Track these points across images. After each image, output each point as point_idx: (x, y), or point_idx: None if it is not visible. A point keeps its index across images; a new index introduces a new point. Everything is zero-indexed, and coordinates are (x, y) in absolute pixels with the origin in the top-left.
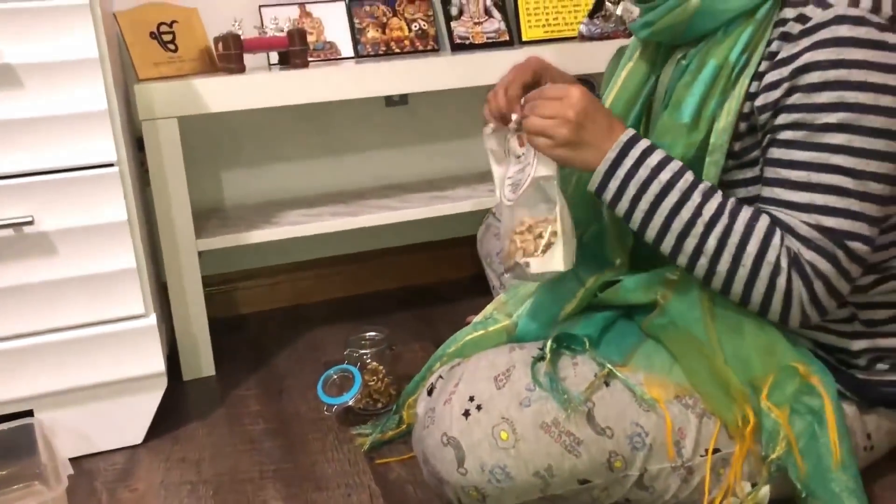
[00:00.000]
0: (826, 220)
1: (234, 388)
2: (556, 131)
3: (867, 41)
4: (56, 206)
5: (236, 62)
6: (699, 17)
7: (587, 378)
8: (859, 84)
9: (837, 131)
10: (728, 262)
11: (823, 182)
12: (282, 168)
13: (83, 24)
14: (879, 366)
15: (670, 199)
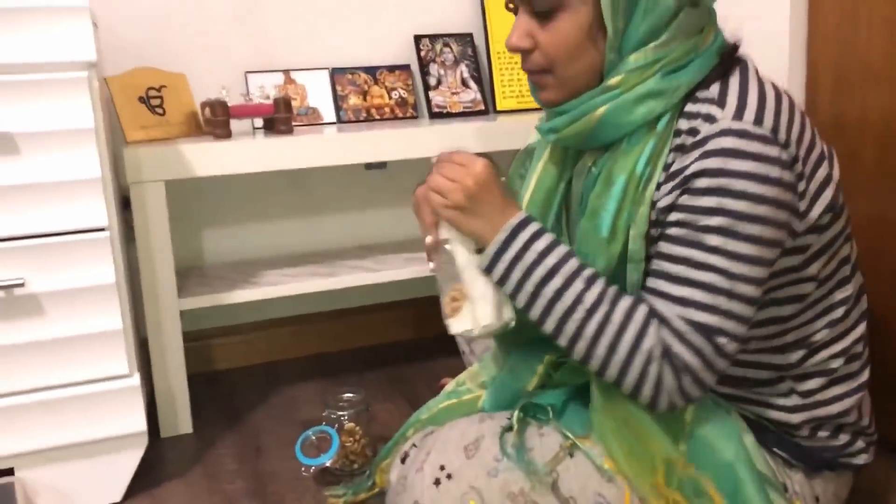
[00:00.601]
0: (697, 315)
1: (211, 447)
2: (452, 194)
3: (749, 153)
4: (47, 268)
5: (223, 128)
6: (603, 127)
7: (552, 449)
8: (739, 193)
9: (716, 234)
10: (605, 347)
11: (699, 279)
12: (261, 227)
13: (81, 95)
14: (820, 433)
15: (554, 284)
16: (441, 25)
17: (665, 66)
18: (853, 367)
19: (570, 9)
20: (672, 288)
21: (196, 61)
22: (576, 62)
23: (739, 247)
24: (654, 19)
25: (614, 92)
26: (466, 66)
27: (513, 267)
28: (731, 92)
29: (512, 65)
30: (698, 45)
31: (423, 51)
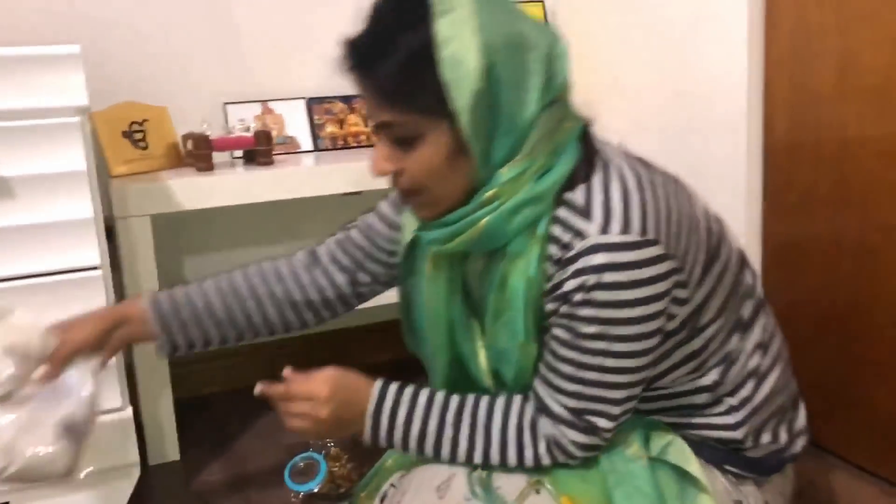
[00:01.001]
0: (579, 404)
1: (199, 474)
2: (318, 430)
3: (620, 264)
4: (41, 308)
5: (206, 161)
6: (487, 237)
7: (519, 486)
8: (614, 303)
9: (594, 339)
10: (499, 463)
11: (587, 377)
12: (241, 254)
13: (74, 139)
14: (762, 439)
15: (430, 441)
16: None
17: (535, 172)
18: (772, 356)
19: (429, 137)
20: (562, 384)
21: (175, 93)
22: (443, 184)
23: (616, 346)
24: (516, 135)
25: (493, 205)
26: None
27: (391, 440)
28: (596, 201)
29: None
30: (561, 140)
31: None
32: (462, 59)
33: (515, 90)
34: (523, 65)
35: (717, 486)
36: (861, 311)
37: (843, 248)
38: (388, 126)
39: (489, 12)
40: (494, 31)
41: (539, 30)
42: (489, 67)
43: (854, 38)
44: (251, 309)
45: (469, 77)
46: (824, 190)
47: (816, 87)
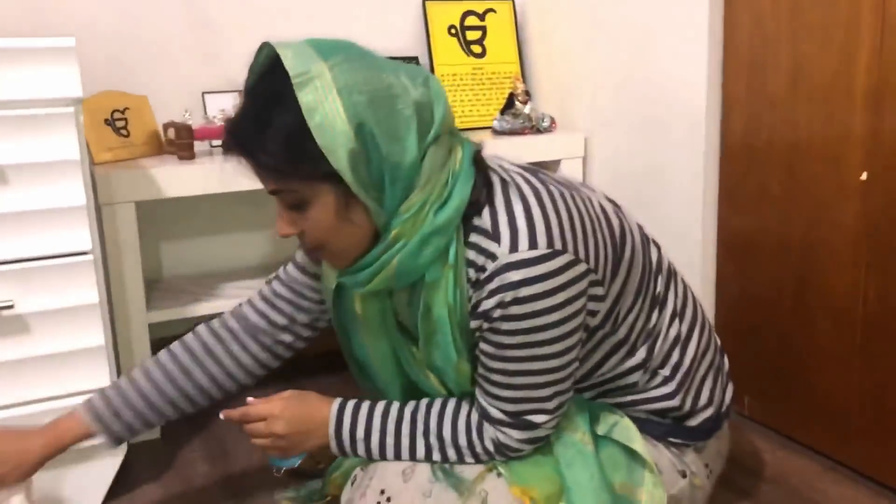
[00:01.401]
0: (515, 407)
1: (179, 450)
2: (277, 446)
3: (533, 278)
4: (34, 290)
5: (188, 150)
6: (401, 274)
7: (478, 469)
8: (531, 313)
9: (518, 348)
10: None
11: (513, 383)
12: (217, 240)
13: (68, 129)
14: (699, 403)
15: (390, 451)
16: (388, 48)
17: (433, 205)
18: (688, 321)
19: (315, 201)
20: (497, 391)
21: (154, 82)
22: (342, 237)
23: (540, 351)
24: (404, 180)
25: (399, 244)
26: None
27: (355, 449)
28: (501, 222)
29: (454, 86)
30: (453, 170)
31: None
32: (331, 124)
33: (391, 141)
34: (393, 115)
35: (663, 461)
36: (804, 301)
37: (791, 243)
38: (277, 193)
39: (348, 72)
40: (357, 90)
41: (405, 76)
42: (359, 126)
43: (805, 47)
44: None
45: (341, 140)
46: (775, 188)
47: (771, 91)
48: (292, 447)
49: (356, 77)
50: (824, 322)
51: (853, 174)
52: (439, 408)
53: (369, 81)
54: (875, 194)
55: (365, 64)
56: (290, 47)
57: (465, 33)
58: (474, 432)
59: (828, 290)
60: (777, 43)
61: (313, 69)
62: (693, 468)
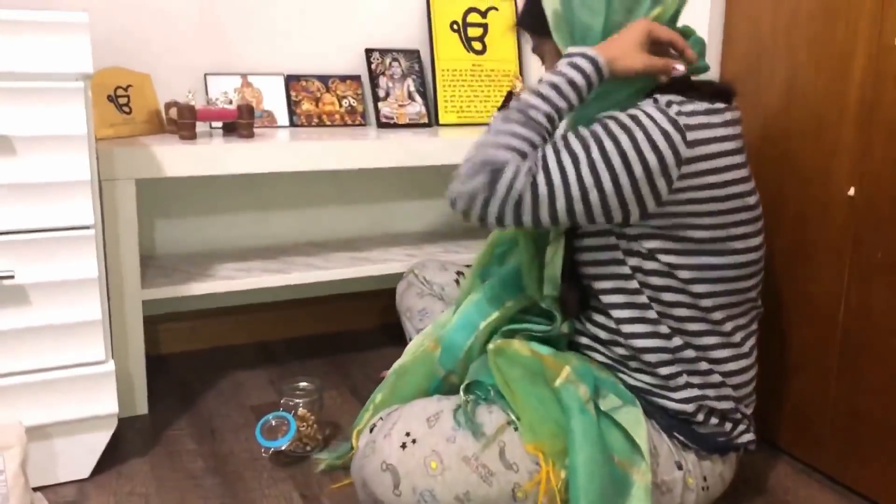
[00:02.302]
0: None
1: (167, 428)
2: None
3: (652, 116)
4: (35, 261)
5: (189, 130)
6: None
7: (499, 422)
8: (633, 116)
9: (600, 125)
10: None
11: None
12: (211, 220)
13: (76, 103)
14: (712, 420)
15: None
16: (391, 41)
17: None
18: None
19: (547, 52)
20: (552, 142)
21: (157, 62)
22: None
23: (606, 141)
24: (590, 44)
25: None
26: (413, 80)
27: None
28: (685, 104)
29: (454, 82)
30: None
31: (373, 63)
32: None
33: (584, 7)
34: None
35: (663, 447)
36: (787, 309)
37: (777, 251)
38: (534, 50)
39: None
40: None
41: None
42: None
43: (800, 61)
44: None
45: (550, 3)
46: (764, 199)
47: (765, 103)
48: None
49: None
50: (806, 331)
51: (841, 188)
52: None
53: None
54: (861, 209)
55: None
56: None
57: (466, 30)
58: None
59: (810, 300)
60: (773, 56)
61: None
62: (690, 468)
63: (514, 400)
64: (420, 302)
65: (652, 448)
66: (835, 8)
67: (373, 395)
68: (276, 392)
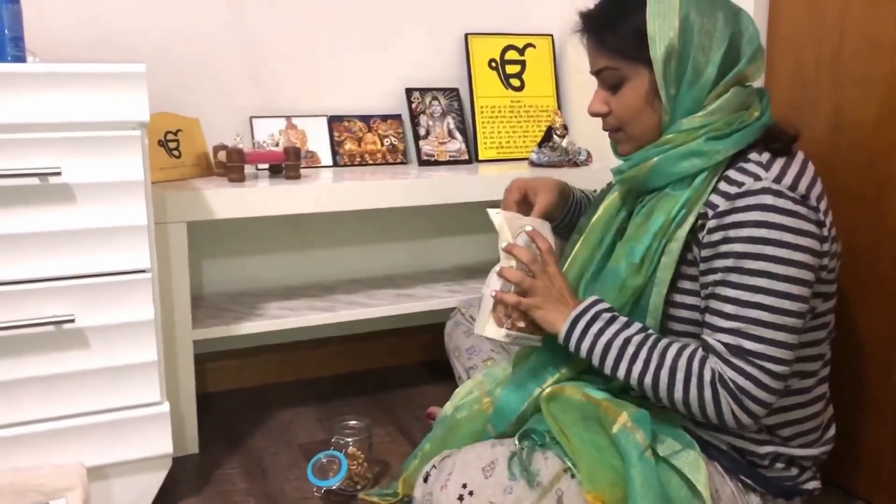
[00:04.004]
0: (746, 344)
1: (218, 467)
2: (526, 287)
3: (784, 209)
4: (94, 305)
5: (238, 172)
6: (653, 174)
7: (555, 469)
8: (777, 241)
9: (759, 276)
10: (667, 389)
11: (748, 315)
12: (257, 259)
13: (134, 151)
14: (777, 464)
15: (612, 353)
16: (430, 80)
17: (709, 133)
18: (815, 420)
19: (632, 81)
20: (724, 323)
21: (205, 106)
22: (638, 122)
23: (780, 286)
24: (698, 91)
25: (665, 147)
26: (453, 118)
27: (581, 343)
28: (777, 164)
29: (493, 118)
30: (742, 120)
31: (413, 102)
32: (664, 15)
33: (701, 50)
34: (712, 34)
35: (725, 491)
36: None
37: None
38: (602, 71)
39: None
40: (694, 1)
41: (733, 14)
42: (683, 26)
43: (846, 95)
44: None
45: (666, 32)
46: None
47: (811, 137)
48: (540, 297)
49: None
50: (863, 368)
51: (892, 222)
52: (669, 339)
53: (705, 1)
54: None
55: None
56: None
57: (504, 67)
58: (696, 361)
59: (866, 336)
60: (818, 90)
61: None
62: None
63: (571, 447)
64: (468, 340)
65: (714, 492)
66: (879, 42)
67: (422, 443)
68: (324, 430)
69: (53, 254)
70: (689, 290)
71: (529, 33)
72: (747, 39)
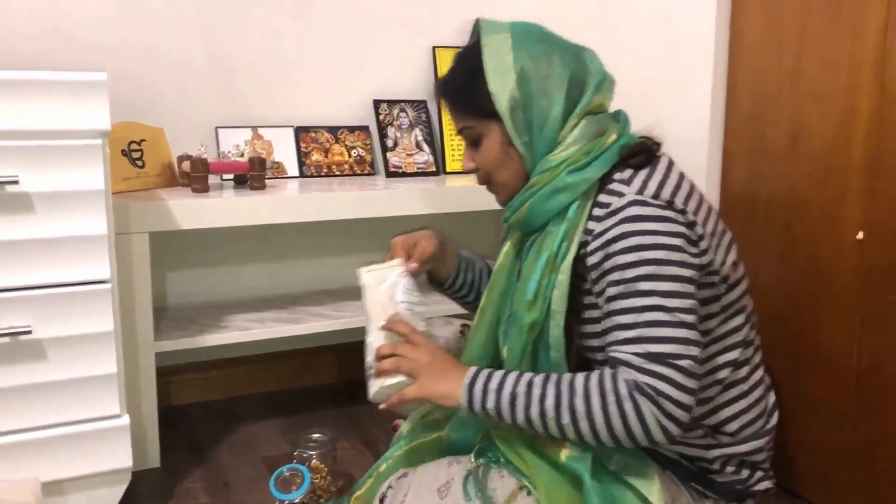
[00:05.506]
0: (653, 348)
1: (180, 481)
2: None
3: (652, 216)
4: (52, 317)
5: (202, 182)
6: (531, 216)
7: (510, 488)
8: (653, 245)
9: (646, 281)
10: (584, 418)
11: (645, 319)
12: (222, 271)
13: (95, 160)
14: (728, 468)
15: (520, 400)
16: (398, 92)
17: (569, 166)
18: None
19: (488, 136)
20: (626, 334)
21: (170, 116)
22: (503, 172)
23: (668, 286)
24: (549, 131)
25: (533, 189)
26: (420, 130)
27: (486, 401)
28: (638, 177)
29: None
30: (600, 146)
31: (381, 114)
32: (501, 72)
33: (543, 95)
34: (549, 78)
35: (682, 500)
36: (801, 355)
37: (788, 297)
38: (462, 131)
39: (523, 38)
40: (527, 53)
41: (573, 54)
42: (520, 78)
43: (806, 110)
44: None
45: (507, 86)
46: (774, 244)
47: (771, 150)
48: (425, 376)
49: (530, 42)
50: (820, 375)
51: (850, 233)
52: (572, 374)
53: (538, 47)
54: (871, 254)
55: (539, 36)
56: (488, 21)
57: None
58: (608, 378)
59: (823, 344)
60: (778, 103)
61: (499, 33)
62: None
63: (526, 466)
64: None
65: (669, 501)
66: (836, 59)
67: (377, 462)
68: (289, 443)
69: (10, 264)
70: (596, 318)
71: None
72: (591, 73)
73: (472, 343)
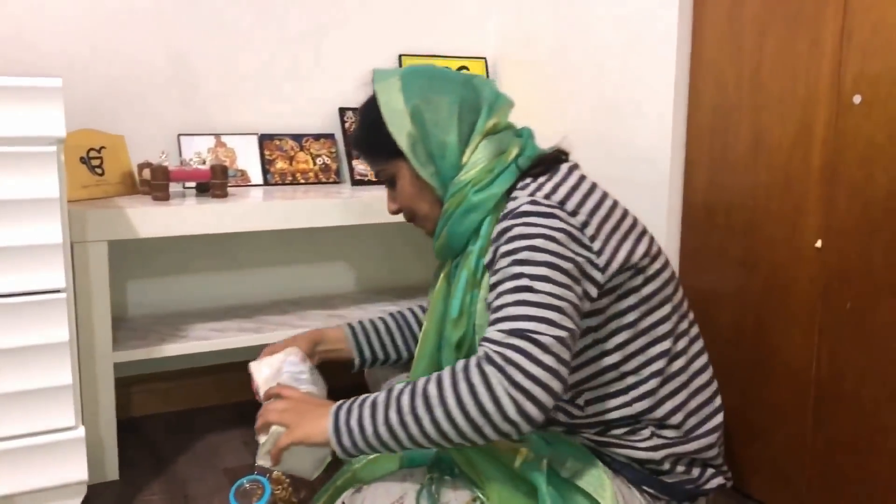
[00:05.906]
0: (516, 325)
1: (138, 494)
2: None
3: (540, 213)
4: (5, 326)
5: (163, 190)
6: (451, 241)
7: (464, 500)
8: (532, 234)
9: (520, 265)
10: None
11: (514, 299)
12: (184, 280)
13: (49, 168)
14: (678, 468)
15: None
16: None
17: (473, 186)
18: (701, 394)
19: (399, 175)
20: (496, 314)
21: (131, 123)
22: (421, 205)
23: (539, 270)
24: (450, 158)
25: (447, 214)
26: None
27: (349, 421)
28: (535, 184)
29: None
30: (502, 164)
31: (346, 122)
32: (394, 113)
33: (437, 125)
34: (440, 108)
35: (635, 502)
36: (761, 361)
37: (749, 303)
38: (378, 175)
39: (412, 78)
40: (415, 90)
41: (462, 84)
42: (413, 114)
43: (765, 118)
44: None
45: (402, 124)
46: (735, 251)
47: (731, 158)
48: (294, 419)
49: (417, 81)
50: (779, 382)
51: (809, 241)
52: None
53: (425, 84)
54: (829, 262)
55: (428, 74)
56: (380, 70)
57: None
58: (461, 362)
59: (783, 351)
60: (739, 113)
61: (391, 79)
62: None
63: (479, 477)
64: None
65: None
66: (794, 67)
67: (333, 478)
68: (251, 454)
69: None
70: None
71: (463, 55)
72: (484, 97)
73: (416, 369)
